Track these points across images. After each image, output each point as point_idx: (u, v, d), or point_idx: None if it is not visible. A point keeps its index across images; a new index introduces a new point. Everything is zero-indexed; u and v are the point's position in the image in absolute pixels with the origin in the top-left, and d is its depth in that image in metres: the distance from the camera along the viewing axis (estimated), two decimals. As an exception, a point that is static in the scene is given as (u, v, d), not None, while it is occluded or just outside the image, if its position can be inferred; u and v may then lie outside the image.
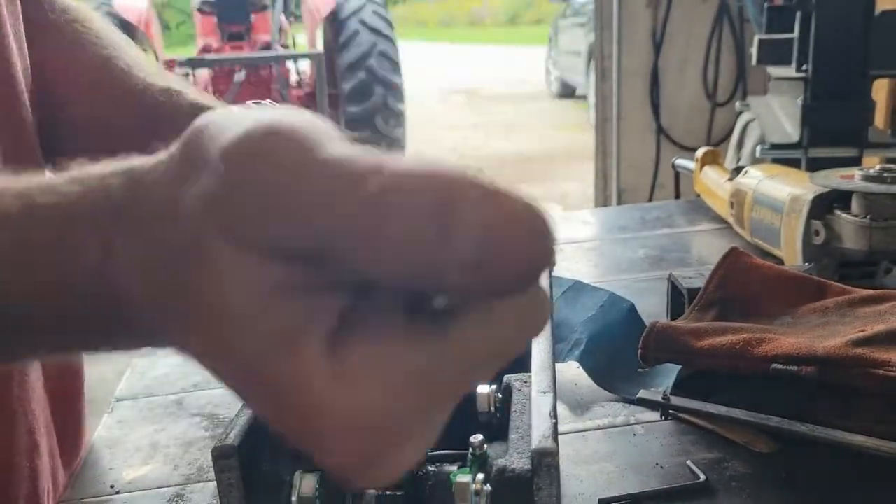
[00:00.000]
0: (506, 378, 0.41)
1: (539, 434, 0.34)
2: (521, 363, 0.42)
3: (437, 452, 0.38)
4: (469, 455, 0.36)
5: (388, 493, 0.36)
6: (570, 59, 8.14)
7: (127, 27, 4.23)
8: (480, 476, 0.34)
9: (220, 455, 0.35)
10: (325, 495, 0.35)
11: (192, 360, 0.22)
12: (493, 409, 0.40)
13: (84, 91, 0.53)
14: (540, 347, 0.43)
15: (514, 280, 0.20)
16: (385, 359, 0.20)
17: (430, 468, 0.37)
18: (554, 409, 0.37)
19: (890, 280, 0.77)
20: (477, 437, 0.36)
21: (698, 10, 2.81)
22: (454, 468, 0.36)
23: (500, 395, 0.40)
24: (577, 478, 0.54)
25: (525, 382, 0.41)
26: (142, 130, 0.51)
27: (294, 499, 0.35)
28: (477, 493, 0.33)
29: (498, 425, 0.40)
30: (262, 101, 0.43)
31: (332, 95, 4.69)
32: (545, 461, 0.33)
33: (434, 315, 0.21)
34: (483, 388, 0.40)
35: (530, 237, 0.19)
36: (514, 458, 0.35)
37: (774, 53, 1.29)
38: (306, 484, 0.35)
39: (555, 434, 0.34)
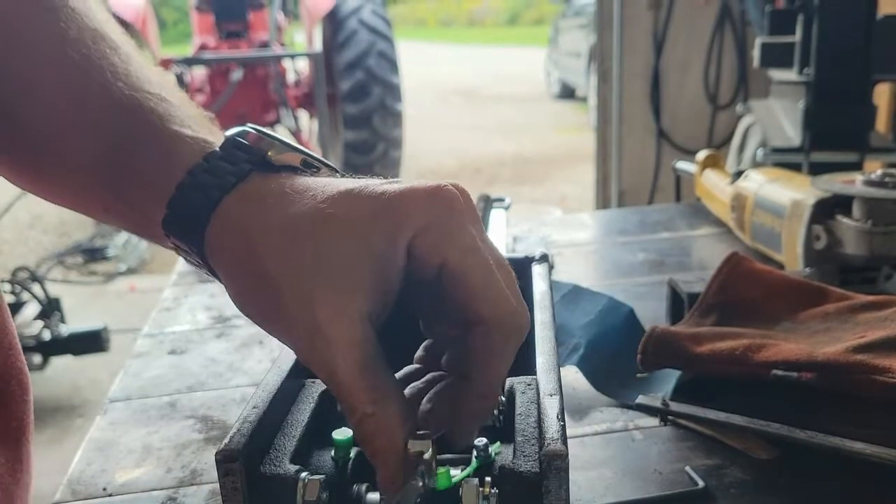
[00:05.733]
0: (508, 381, 0.41)
1: (549, 437, 0.34)
2: (524, 366, 0.41)
3: (441, 456, 0.37)
4: (473, 458, 0.36)
5: (392, 495, 0.36)
6: (570, 60, 8.13)
7: (123, 25, 4.19)
8: (487, 479, 0.34)
9: (224, 458, 0.34)
10: (330, 499, 0.35)
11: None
12: (495, 412, 0.40)
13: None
14: (544, 350, 0.42)
15: None
16: None
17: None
18: (562, 411, 0.36)
19: (891, 286, 0.77)
20: (481, 440, 0.36)
21: (700, 12, 2.80)
22: (458, 472, 0.35)
23: (503, 399, 0.40)
24: (575, 484, 0.54)
25: (529, 385, 0.40)
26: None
27: (299, 503, 0.34)
28: (485, 496, 0.33)
29: (501, 429, 0.39)
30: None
31: (329, 95, 4.68)
32: (555, 464, 0.33)
33: None
34: None
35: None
36: (520, 460, 0.35)
37: (776, 56, 1.29)
38: (311, 487, 0.34)
39: (564, 437, 0.34)
